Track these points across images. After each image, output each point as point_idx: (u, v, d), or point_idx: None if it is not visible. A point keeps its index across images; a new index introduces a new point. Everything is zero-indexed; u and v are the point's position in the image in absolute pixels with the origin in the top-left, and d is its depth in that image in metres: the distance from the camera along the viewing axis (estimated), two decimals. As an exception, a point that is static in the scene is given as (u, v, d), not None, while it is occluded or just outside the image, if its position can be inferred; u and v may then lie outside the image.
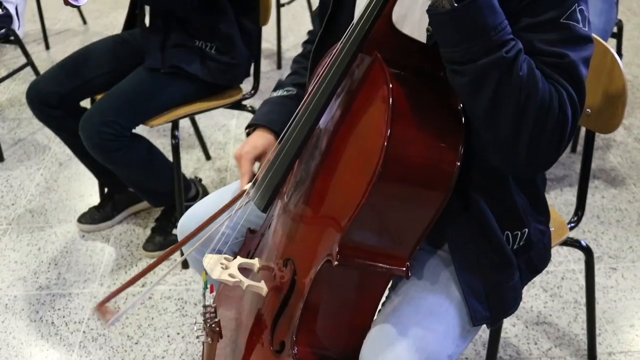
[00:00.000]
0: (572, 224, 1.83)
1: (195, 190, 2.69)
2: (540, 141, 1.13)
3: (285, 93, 1.61)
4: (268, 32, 3.98)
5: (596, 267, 2.43)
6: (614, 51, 1.67)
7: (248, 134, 1.59)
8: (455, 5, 1.07)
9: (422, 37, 1.25)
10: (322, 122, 1.28)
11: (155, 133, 3.29)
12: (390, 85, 1.12)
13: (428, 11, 1.12)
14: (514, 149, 1.14)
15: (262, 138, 1.54)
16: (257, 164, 1.53)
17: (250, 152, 1.52)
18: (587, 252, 1.86)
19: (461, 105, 1.18)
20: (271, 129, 1.55)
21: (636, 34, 4.34)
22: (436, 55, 1.16)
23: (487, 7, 1.08)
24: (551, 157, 1.18)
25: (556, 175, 2.93)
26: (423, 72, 1.21)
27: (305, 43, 1.71)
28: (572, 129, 1.16)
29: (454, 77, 1.14)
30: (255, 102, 2.50)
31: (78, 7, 4.33)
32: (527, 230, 1.39)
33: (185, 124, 3.22)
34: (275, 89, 1.64)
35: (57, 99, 2.37)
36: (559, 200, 2.79)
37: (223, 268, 1.31)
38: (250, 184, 1.43)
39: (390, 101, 1.10)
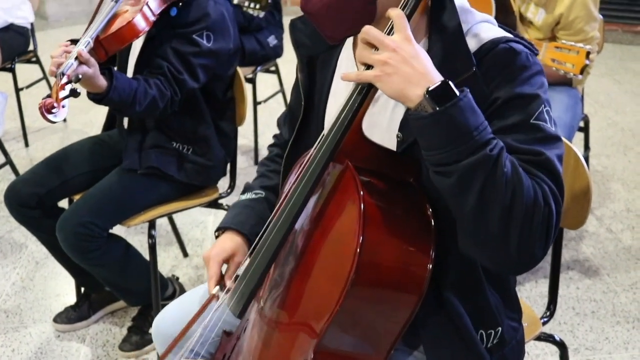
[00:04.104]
0: (545, 319, 1.85)
1: (172, 289, 2.69)
2: (530, 236, 1.14)
3: (253, 196, 1.63)
4: (245, 129, 4.05)
5: (573, 359, 2.44)
6: (577, 150, 1.73)
7: (217, 237, 1.60)
8: (438, 108, 1.11)
9: (391, 143, 1.30)
10: (297, 228, 1.31)
11: (132, 230, 3.30)
12: (361, 193, 1.15)
13: (410, 116, 1.15)
14: (504, 246, 1.15)
15: (230, 240, 1.55)
16: (224, 266, 1.52)
17: (219, 254, 1.51)
18: (561, 346, 1.87)
19: (431, 210, 1.22)
20: (240, 232, 1.56)
21: (604, 126, 4.47)
22: (406, 162, 1.20)
23: (468, 108, 1.12)
24: (541, 252, 1.18)
25: (531, 267, 2.96)
26: (393, 178, 1.25)
27: (271, 146, 1.75)
28: (557, 223, 1.18)
29: (439, 179, 1.16)
30: (231, 200, 2.53)
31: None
32: (500, 328, 1.40)
33: (162, 221, 3.24)
34: (243, 192, 1.66)
35: (36, 201, 2.39)
36: (534, 293, 2.82)
37: (199, 373, 1.31)
38: (218, 287, 1.44)
39: (362, 209, 1.14)
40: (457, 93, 1.12)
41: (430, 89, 1.12)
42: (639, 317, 2.69)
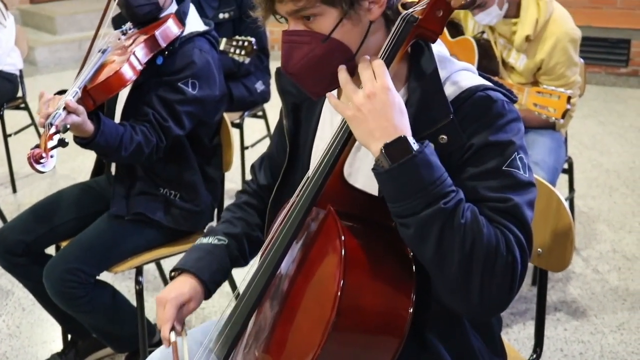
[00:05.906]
0: (532, 362, 1.86)
1: (159, 335, 2.67)
2: (491, 284, 1.18)
3: (216, 241, 1.61)
4: (232, 173, 4.06)
5: (562, 402, 2.44)
6: (559, 193, 1.75)
7: (172, 277, 1.57)
8: (393, 164, 1.15)
9: (373, 189, 1.32)
10: (282, 272, 1.32)
11: (120, 276, 3.28)
12: (343, 238, 1.17)
13: (372, 170, 1.20)
14: (466, 293, 1.19)
15: (188, 285, 1.52)
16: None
17: (177, 298, 1.49)
18: (549, 389, 1.87)
19: (412, 253, 1.24)
20: (199, 278, 1.54)
21: (589, 167, 4.50)
22: (387, 207, 1.22)
23: (424, 164, 1.16)
24: (505, 299, 1.22)
25: (518, 309, 2.97)
26: (375, 222, 1.27)
27: (241, 193, 1.75)
28: (522, 270, 1.21)
29: (401, 229, 1.21)
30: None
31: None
32: (484, 372, 1.41)
33: (150, 266, 3.22)
34: (206, 235, 1.65)
35: (23, 248, 2.39)
36: (522, 335, 2.82)
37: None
38: (173, 333, 1.44)
39: (343, 253, 1.16)
40: (414, 149, 1.16)
41: (386, 144, 1.16)
42: (627, 358, 2.69)
